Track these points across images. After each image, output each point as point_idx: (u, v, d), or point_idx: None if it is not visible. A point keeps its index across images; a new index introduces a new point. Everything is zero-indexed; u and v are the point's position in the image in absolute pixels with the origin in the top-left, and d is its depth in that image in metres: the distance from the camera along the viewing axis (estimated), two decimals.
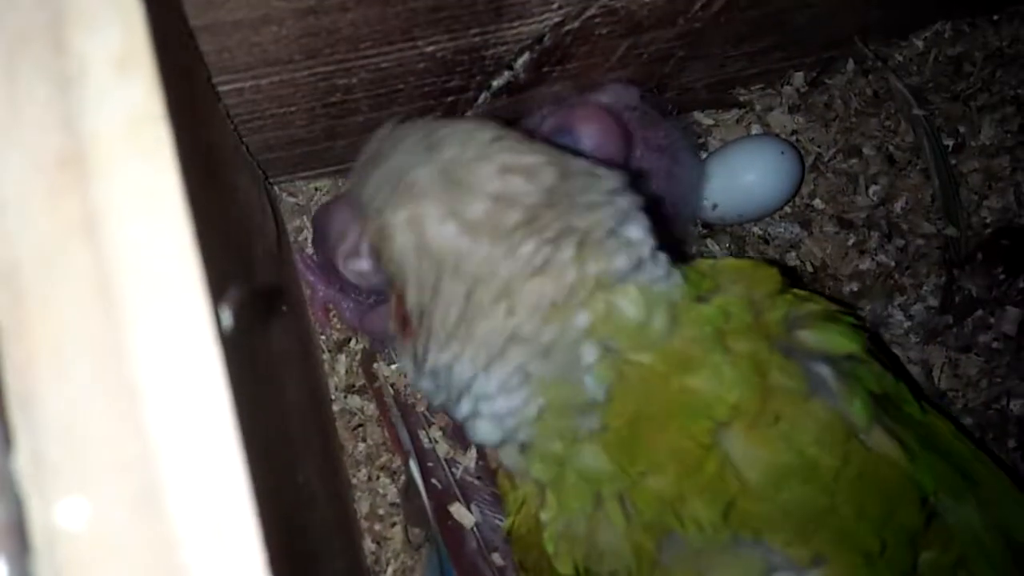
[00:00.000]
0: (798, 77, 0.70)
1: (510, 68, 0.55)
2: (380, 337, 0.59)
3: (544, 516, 0.42)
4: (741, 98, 0.69)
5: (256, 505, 0.21)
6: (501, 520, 0.59)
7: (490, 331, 0.37)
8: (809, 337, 0.43)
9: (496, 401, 0.40)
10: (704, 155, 0.66)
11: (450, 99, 0.57)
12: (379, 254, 0.39)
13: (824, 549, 0.39)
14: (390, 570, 0.58)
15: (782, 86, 0.70)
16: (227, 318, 0.24)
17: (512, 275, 0.37)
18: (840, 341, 0.43)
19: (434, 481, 0.59)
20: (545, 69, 0.56)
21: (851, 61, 0.70)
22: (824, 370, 0.42)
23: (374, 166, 0.41)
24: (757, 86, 0.70)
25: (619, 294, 0.39)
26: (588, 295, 0.38)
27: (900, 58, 0.71)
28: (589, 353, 0.39)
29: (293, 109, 0.53)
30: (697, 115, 0.69)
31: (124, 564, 0.20)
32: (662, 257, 0.42)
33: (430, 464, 0.60)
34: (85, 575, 0.20)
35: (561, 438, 0.40)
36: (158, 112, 0.23)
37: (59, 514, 0.20)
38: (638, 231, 0.41)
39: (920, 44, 0.71)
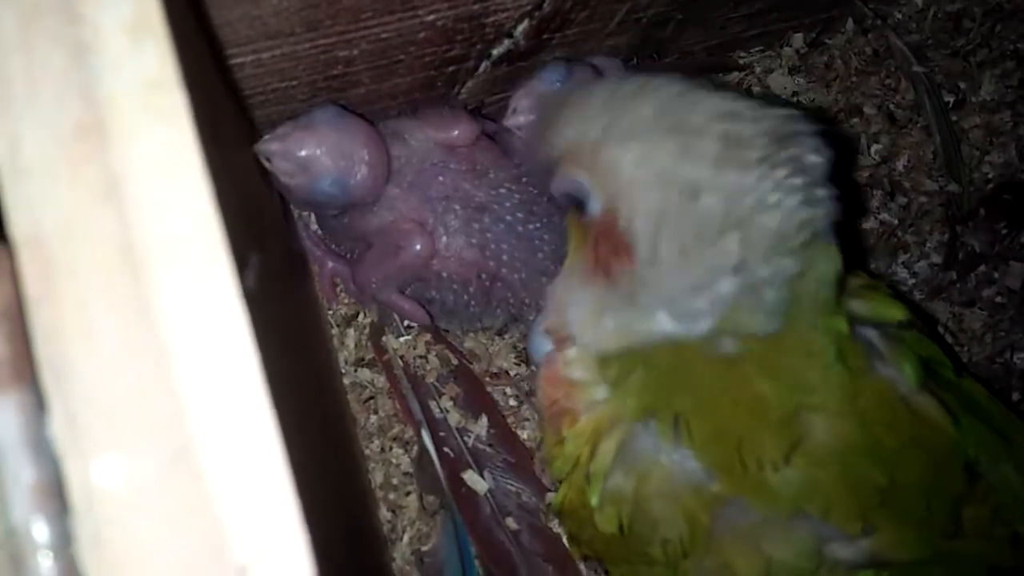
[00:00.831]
0: (797, 38, 0.70)
1: (510, 36, 0.55)
2: (370, 288, 0.58)
3: (593, 468, 0.42)
4: (741, 61, 0.69)
5: (288, 460, 0.21)
6: (514, 486, 0.60)
7: (721, 257, 0.38)
8: (861, 306, 0.43)
9: (681, 324, 0.40)
10: None
11: (451, 69, 0.57)
12: (596, 185, 0.40)
13: (874, 520, 0.40)
14: (406, 537, 0.59)
15: (781, 47, 0.70)
16: (250, 280, 0.24)
17: (751, 207, 0.38)
18: (891, 310, 0.44)
19: (446, 450, 0.60)
20: (545, 36, 0.56)
21: (850, 20, 0.70)
22: (874, 336, 0.42)
23: (570, 110, 0.41)
24: (756, 48, 0.70)
25: (822, 251, 0.40)
26: (805, 242, 0.39)
27: (899, 16, 0.71)
28: (780, 299, 0.39)
29: (295, 83, 0.53)
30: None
31: (162, 520, 0.21)
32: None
33: (442, 433, 0.61)
34: (124, 532, 0.21)
35: (677, 350, 0.40)
36: (172, 78, 0.23)
37: (96, 474, 0.21)
38: (831, 192, 0.41)
39: (919, 1, 0.71)
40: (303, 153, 0.52)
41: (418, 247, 0.55)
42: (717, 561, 0.41)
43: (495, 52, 0.57)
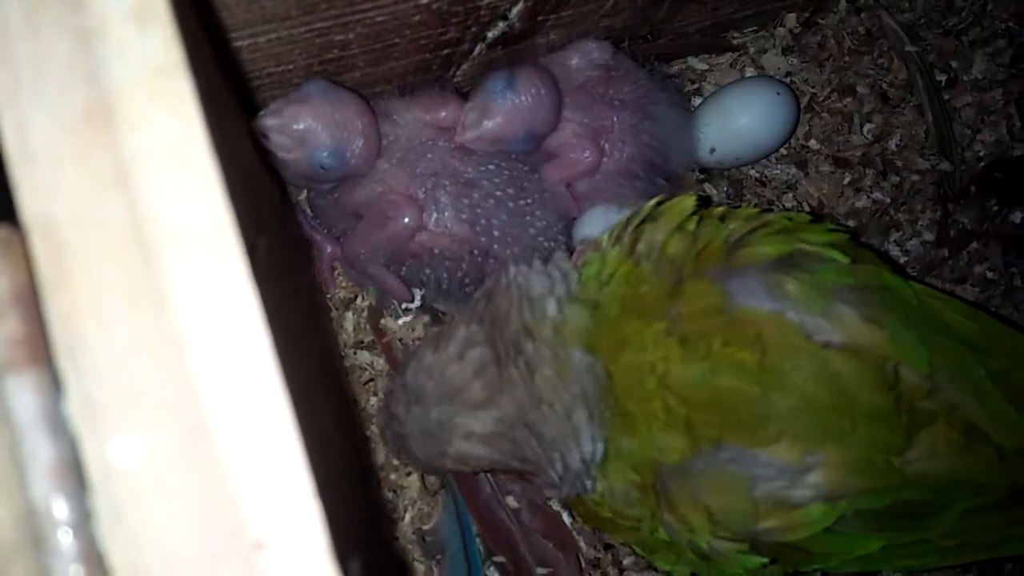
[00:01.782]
0: (791, 18, 0.70)
1: (505, 18, 0.55)
2: (358, 260, 0.59)
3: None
4: (735, 41, 0.70)
5: (300, 438, 0.22)
6: None
7: (559, 422, 0.46)
8: (748, 253, 0.45)
9: (596, 452, 0.46)
10: (699, 100, 0.67)
11: (446, 52, 0.57)
12: (474, 469, 0.51)
13: (803, 440, 0.42)
14: (408, 517, 0.59)
15: (775, 28, 0.70)
16: (259, 262, 0.25)
17: (531, 390, 0.45)
18: (771, 249, 0.46)
19: None
20: (540, 18, 0.57)
21: (843, 0, 0.70)
22: (776, 277, 0.44)
23: (405, 441, 0.50)
24: (750, 28, 0.70)
25: (572, 309, 0.47)
26: (562, 338, 0.46)
27: None
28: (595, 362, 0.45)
29: (291, 67, 0.53)
30: (691, 60, 0.70)
31: (178, 497, 0.21)
32: (564, 266, 0.49)
33: None
34: (142, 509, 0.21)
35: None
36: (178, 64, 0.23)
37: (113, 452, 0.21)
38: (539, 277, 0.48)
39: None
40: (300, 126, 0.53)
41: (406, 219, 0.55)
42: (674, 518, 0.44)
43: (490, 35, 0.57)
